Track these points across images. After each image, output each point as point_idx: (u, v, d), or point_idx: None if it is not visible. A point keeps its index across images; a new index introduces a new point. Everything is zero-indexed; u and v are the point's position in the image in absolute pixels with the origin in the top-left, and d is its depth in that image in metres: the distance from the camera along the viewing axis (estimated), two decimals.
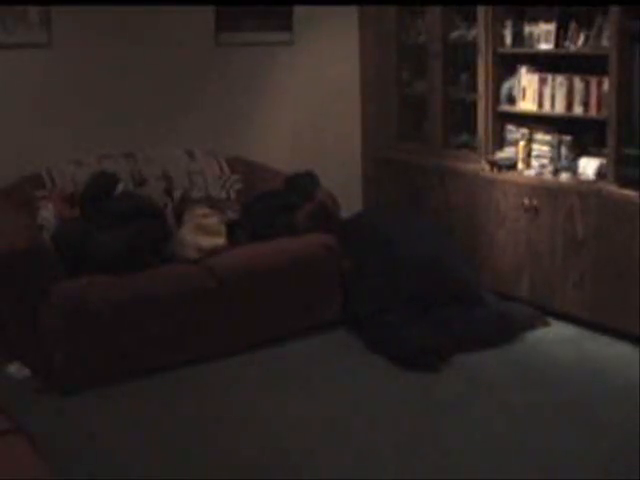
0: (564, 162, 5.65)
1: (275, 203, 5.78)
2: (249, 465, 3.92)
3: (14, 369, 4.90)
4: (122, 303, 4.79)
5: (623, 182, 5.15)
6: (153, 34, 5.91)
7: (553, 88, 5.66)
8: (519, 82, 5.91)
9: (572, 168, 5.55)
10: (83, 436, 4.22)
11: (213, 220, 5.50)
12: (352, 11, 6.83)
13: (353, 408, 4.49)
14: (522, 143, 5.89)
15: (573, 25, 5.50)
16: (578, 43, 5.48)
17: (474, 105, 6.16)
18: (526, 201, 5.64)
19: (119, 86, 5.85)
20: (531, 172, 5.77)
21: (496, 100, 6.04)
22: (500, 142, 6.09)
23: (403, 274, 5.46)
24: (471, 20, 6.14)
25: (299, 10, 6.50)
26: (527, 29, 5.80)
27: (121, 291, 4.82)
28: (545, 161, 5.75)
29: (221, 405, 4.54)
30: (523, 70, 5.87)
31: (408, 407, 4.49)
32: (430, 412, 4.43)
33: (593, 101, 5.42)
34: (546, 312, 5.58)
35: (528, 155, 5.86)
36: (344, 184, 6.65)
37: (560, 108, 5.63)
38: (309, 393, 4.64)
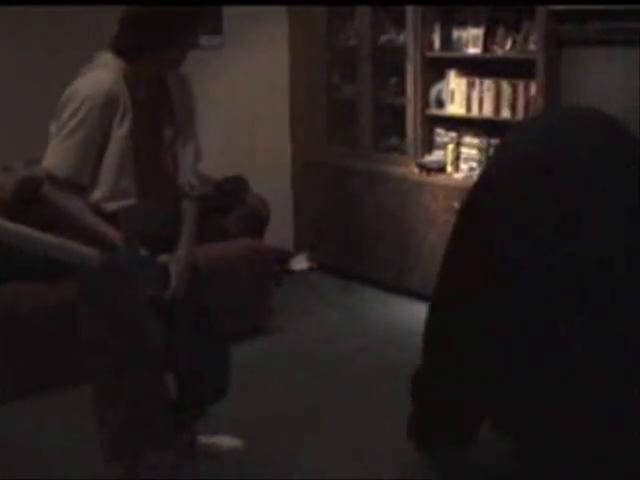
0: None
1: (204, 208, 5.72)
2: None
3: None
4: (52, 310, 4.72)
5: None
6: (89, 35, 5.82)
7: (481, 92, 5.72)
8: (448, 86, 5.95)
9: None
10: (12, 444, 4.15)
11: None
12: (282, 14, 6.82)
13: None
14: (451, 146, 5.93)
15: (501, 30, 5.57)
16: (506, 47, 5.55)
17: (403, 109, 6.19)
18: (456, 204, 5.66)
19: (41, 92, 5.73)
20: (460, 175, 5.81)
21: (425, 104, 6.08)
22: (429, 145, 6.13)
23: None
24: (400, 24, 6.17)
25: (229, 13, 6.47)
26: (455, 33, 5.86)
27: (51, 298, 4.75)
28: (474, 164, 5.80)
29: None
30: (452, 74, 5.92)
31: None
32: None
33: (520, 105, 5.49)
34: None
35: (457, 158, 5.91)
36: (274, 188, 6.62)
37: (488, 112, 5.69)
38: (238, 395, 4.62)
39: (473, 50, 5.74)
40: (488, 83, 5.67)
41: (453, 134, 5.97)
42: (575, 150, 3.26)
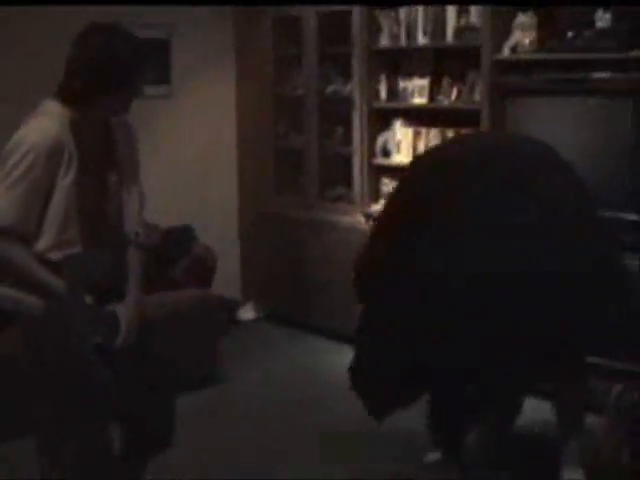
0: None
1: (151, 257, 5.68)
2: None
3: None
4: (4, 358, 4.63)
5: None
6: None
7: (427, 141, 5.77)
8: (394, 136, 6.00)
9: None
10: None
11: None
12: (230, 63, 6.87)
13: None
14: None
15: (446, 80, 5.64)
16: (451, 97, 5.61)
17: (350, 158, 6.22)
18: None
19: None
20: None
21: (371, 153, 6.12)
22: (375, 195, 6.16)
23: None
24: (347, 75, 6.21)
25: (176, 63, 6.49)
26: (401, 84, 5.93)
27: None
28: None
29: None
30: (398, 124, 5.97)
31: None
32: None
33: None
34: None
35: None
36: (221, 237, 6.61)
37: None
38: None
39: (419, 100, 5.80)
40: (434, 132, 5.73)
41: None
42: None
